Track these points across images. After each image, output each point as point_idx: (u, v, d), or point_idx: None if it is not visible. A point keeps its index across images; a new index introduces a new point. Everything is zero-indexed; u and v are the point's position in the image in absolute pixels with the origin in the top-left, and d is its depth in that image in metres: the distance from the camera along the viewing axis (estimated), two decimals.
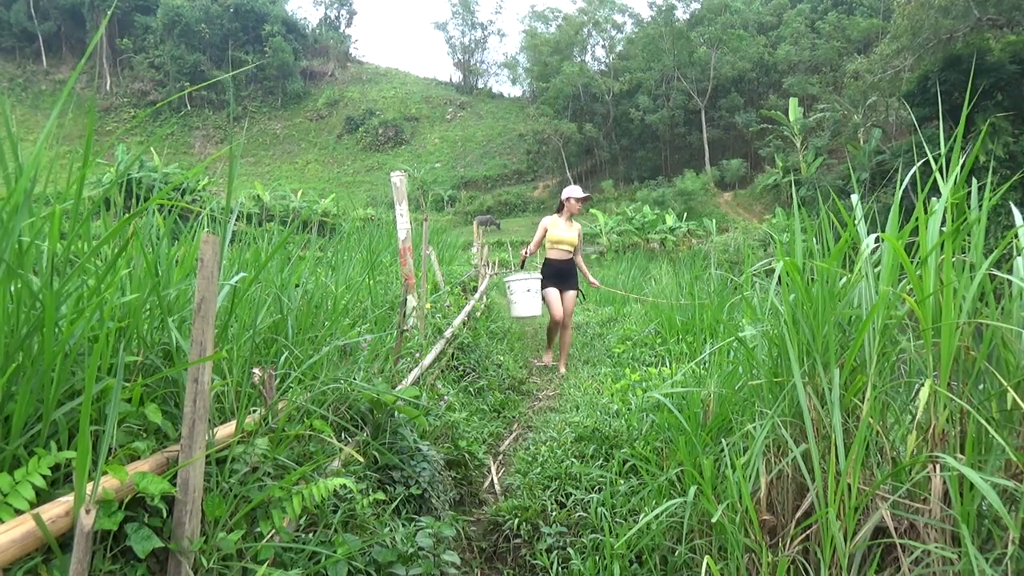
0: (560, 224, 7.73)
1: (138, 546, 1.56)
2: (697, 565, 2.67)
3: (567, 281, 7.84)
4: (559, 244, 7.72)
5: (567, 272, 7.83)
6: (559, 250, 7.75)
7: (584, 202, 7.79)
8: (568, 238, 7.70)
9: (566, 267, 7.82)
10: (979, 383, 2.24)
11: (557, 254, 7.78)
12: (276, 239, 4.30)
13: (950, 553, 2.00)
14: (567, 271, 7.83)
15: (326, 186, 60.25)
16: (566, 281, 7.84)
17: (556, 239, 7.69)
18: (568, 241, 7.71)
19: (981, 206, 2.30)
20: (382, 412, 3.05)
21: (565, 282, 7.83)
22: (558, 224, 7.75)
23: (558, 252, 7.76)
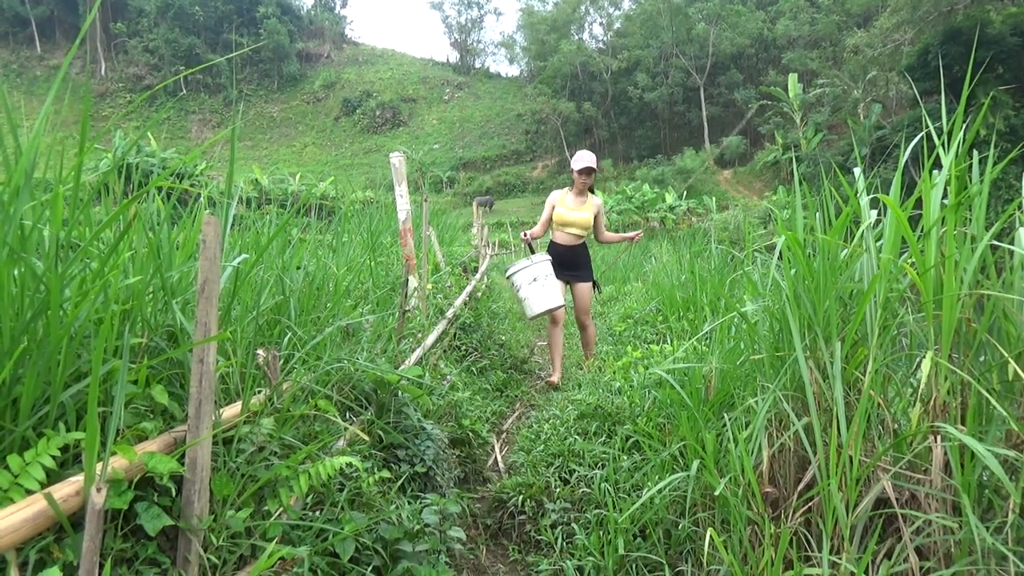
0: (569, 201, 6.23)
1: (148, 524, 1.58)
2: (700, 538, 2.70)
3: (577, 271, 6.30)
4: (566, 227, 6.22)
5: (576, 260, 6.31)
6: (566, 234, 6.26)
7: (586, 175, 6.08)
8: (578, 219, 6.16)
9: (575, 253, 6.31)
10: (980, 355, 2.25)
11: (563, 238, 6.28)
12: (276, 222, 4.30)
13: (951, 522, 2.03)
14: (576, 258, 6.31)
15: (324, 169, 60.06)
16: (575, 270, 6.30)
17: (562, 220, 6.20)
18: (578, 224, 6.17)
19: (983, 179, 2.30)
20: (386, 392, 3.07)
21: (574, 271, 6.30)
22: (566, 201, 6.25)
23: (565, 236, 6.27)
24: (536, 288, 5.88)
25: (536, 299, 5.88)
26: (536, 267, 5.89)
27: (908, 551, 2.05)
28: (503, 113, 72.23)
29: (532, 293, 5.89)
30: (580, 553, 3.05)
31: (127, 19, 76.75)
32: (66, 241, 1.73)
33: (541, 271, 5.89)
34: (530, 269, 5.89)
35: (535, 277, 5.87)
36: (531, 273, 5.88)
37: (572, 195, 6.21)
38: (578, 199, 6.19)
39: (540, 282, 5.87)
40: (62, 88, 1.85)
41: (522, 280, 5.92)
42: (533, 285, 5.87)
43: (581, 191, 6.16)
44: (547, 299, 5.86)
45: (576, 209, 6.15)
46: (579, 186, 6.13)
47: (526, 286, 5.89)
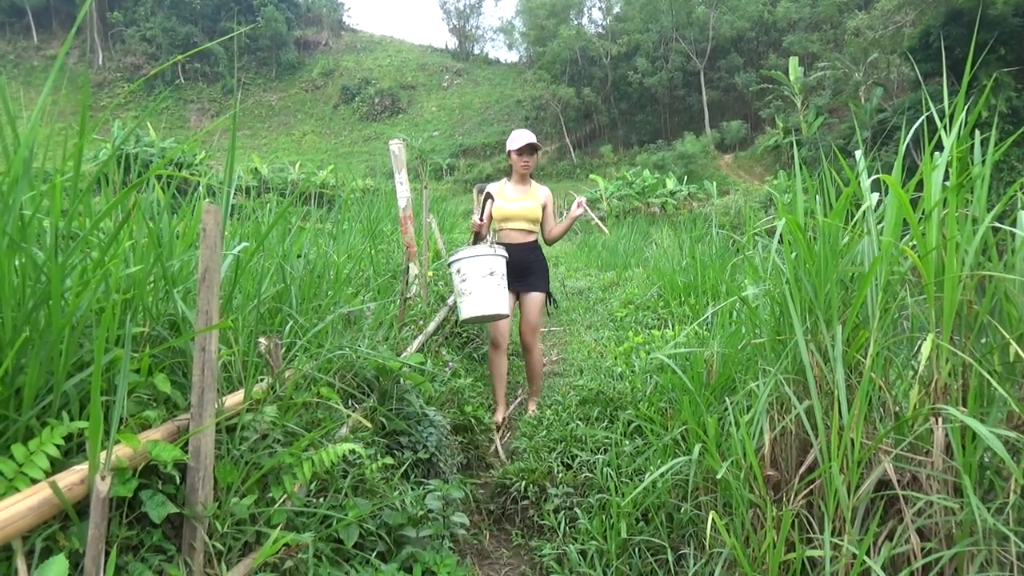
0: (509, 191, 4.86)
1: (153, 512, 1.59)
2: (702, 521, 2.71)
3: (526, 278, 4.87)
4: (508, 221, 4.81)
5: (525, 264, 4.84)
6: (511, 230, 4.83)
7: (528, 154, 4.81)
8: (521, 211, 4.76)
9: (524, 255, 4.83)
10: (981, 336, 2.25)
11: (508, 237, 4.84)
12: (276, 210, 4.29)
13: (952, 503, 2.03)
14: (526, 262, 4.84)
15: (324, 157, 59.90)
16: (525, 277, 4.87)
17: (502, 215, 4.79)
18: (522, 216, 4.78)
19: (984, 160, 2.29)
20: (388, 379, 3.08)
21: (523, 279, 4.87)
22: (504, 191, 4.88)
23: (509, 234, 4.84)
24: (489, 284, 4.35)
25: (485, 297, 4.34)
26: (495, 260, 4.40)
27: (909, 532, 2.06)
28: (502, 99, 71.95)
29: (482, 289, 4.35)
30: (583, 537, 3.07)
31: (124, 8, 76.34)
32: (66, 231, 1.73)
33: (499, 266, 4.40)
34: (489, 259, 4.39)
35: (492, 270, 4.34)
36: (488, 264, 4.36)
37: (511, 184, 4.84)
38: (519, 187, 4.81)
39: (496, 279, 4.36)
40: (59, 78, 1.84)
41: (474, 270, 4.35)
42: (487, 280, 4.35)
43: (522, 177, 4.81)
44: (497, 301, 4.36)
45: (518, 199, 4.74)
46: (520, 170, 4.77)
47: (478, 278, 4.34)
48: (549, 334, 8.08)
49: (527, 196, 4.80)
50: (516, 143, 4.78)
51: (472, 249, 4.43)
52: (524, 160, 4.78)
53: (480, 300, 4.35)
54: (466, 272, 4.39)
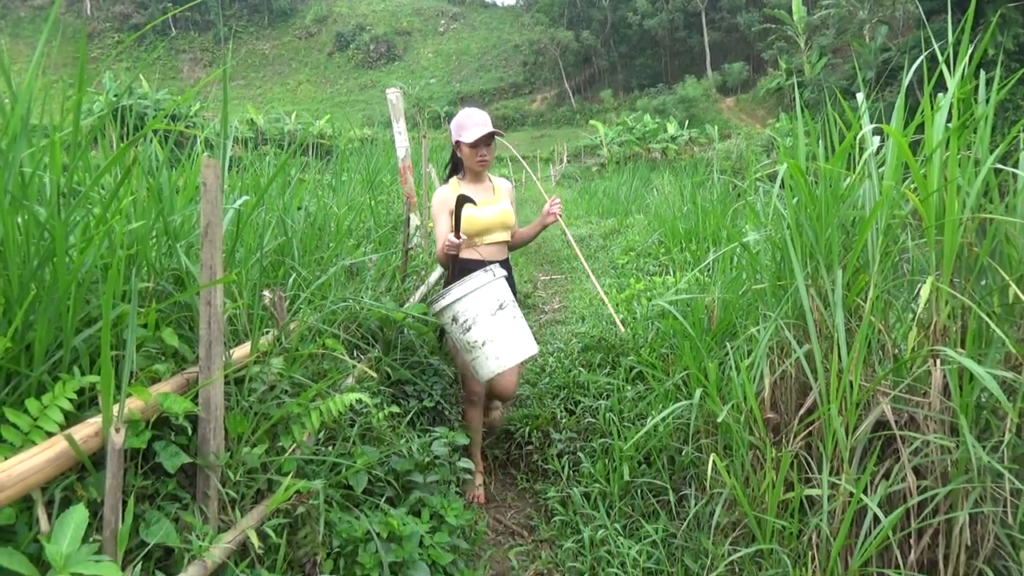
0: (470, 192, 3.44)
1: (167, 462, 1.62)
2: (703, 463, 2.77)
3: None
4: (485, 235, 3.48)
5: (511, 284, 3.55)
6: (489, 245, 3.49)
7: (486, 144, 3.44)
8: (498, 217, 3.49)
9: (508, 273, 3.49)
10: (981, 279, 2.26)
11: (485, 253, 3.47)
12: (274, 163, 4.27)
13: (948, 442, 2.07)
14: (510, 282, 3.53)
15: (320, 107, 59.10)
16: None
17: (478, 227, 3.43)
18: (500, 224, 3.50)
19: (988, 100, 2.27)
20: (392, 329, 3.10)
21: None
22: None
23: (486, 251, 3.48)
24: (506, 321, 3.12)
25: (509, 341, 3.10)
26: (498, 285, 3.16)
27: (906, 471, 2.11)
28: (500, 44, 70.61)
29: (501, 331, 3.09)
30: (586, 480, 3.14)
31: None
32: (67, 187, 1.73)
33: (506, 292, 3.19)
34: (491, 289, 3.11)
35: (501, 301, 3.13)
36: (494, 295, 3.12)
37: (467, 184, 3.51)
38: (480, 187, 3.52)
39: (510, 311, 3.16)
40: (52, 28, 1.82)
41: (480, 309, 3.08)
42: (501, 317, 3.11)
43: (478, 174, 3.51)
44: (525, 340, 3.17)
45: (490, 202, 3.48)
46: (476, 166, 3.45)
47: (488, 319, 3.08)
48: (551, 282, 8.10)
49: (497, 197, 3.50)
50: (470, 133, 3.36)
51: (465, 283, 3.05)
52: (481, 154, 3.38)
53: (505, 347, 3.07)
54: (469, 316, 3.05)
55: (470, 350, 3.10)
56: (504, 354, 3.08)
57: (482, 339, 3.06)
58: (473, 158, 3.40)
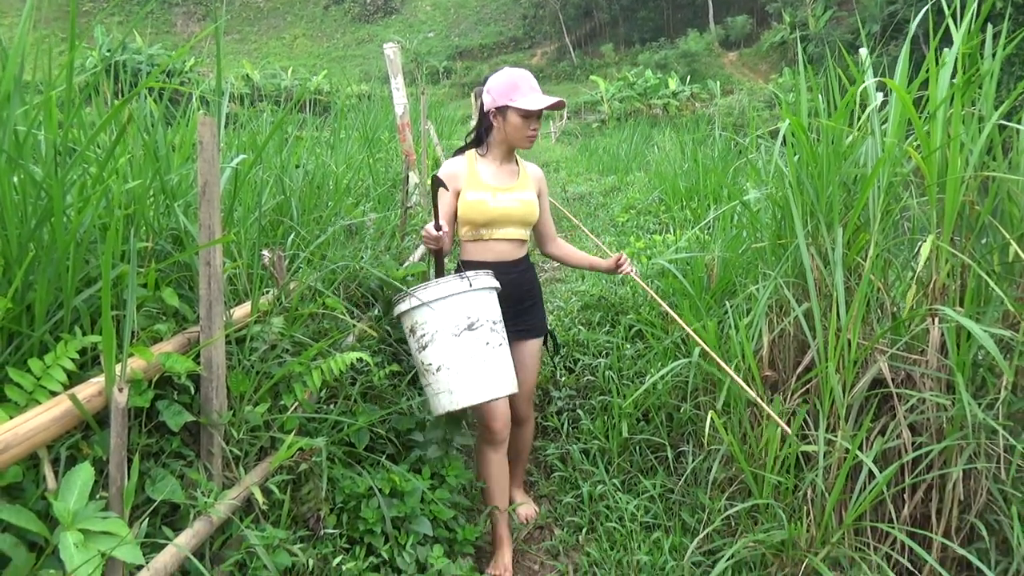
0: (488, 174, 2.73)
1: (171, 421, 1.64)
2: (701, 420, 2.80)
3: (521, 317, 2.82)
4: (493, 227, 2.71)
5: (522, 291, 2.82)
6: (498, 241, 2.73)
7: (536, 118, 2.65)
8: (519, 208, 2.72)
9: (518, 280, 2.78)
10: (982, 237, 2.26)
11: (495, 250, 2.73)
12: (271, 120, 4.22)
13: (944, 399, 2.09)
14: (521, 289, 2.81)
15: (317, 62, 58.24)
16: (519, 317, 2.80)
17: (487, 217, 2.67)
18: (516, 218, 2.72)
19: (995, 55, 2.23)
20: (392, 288, 3.10)
21: (516, 319, 2.76)
22: (481, 177, 2.71)
23: (494, 247, 2.73)
24: (471, 347, 2.38)
25: (470, 375, 2.37)
26: (477, 297, 2.43)
27: (901, 427, 2.13)
28: None
29: (462, 358, 2.37)
30: (585, 437, 3.18)
31: None
32: (62, 146, 1.71)
33: (485, 307, 2.45)
34: (463, 300, 2.40)
35: (472, 319, 2.40)
36: (464, 309, 2.40)
37: (488, 162, 2.74)
38: (503, 169, 2.74)
39: (482, 335, 2.41)
40: None
41: (440, 324, 2.37)
42: (468, 340, 2.38)
43: (510, 152, 2.75)
44: (494, 377, 2.41)
45: (505, 188, 2.70)
46: (523, 142, 2.68)
47: (449, 340, 2.37)
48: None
49: (519, 184, 2.72)
50: (529, 99, 2.59)
51: (430, 287, 2.37)
52: (534, 128, 2.65)
53: (464, 380, 2.34)
54: (428, 331, 2.36)
55: (423, 374, 2.39)
56: (460, 388, 2.32)
57: (437, 363, 2.33)
58: (524, 130, 2.62)
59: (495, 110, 2.63)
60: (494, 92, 2.63)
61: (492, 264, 2.66)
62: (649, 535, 2.56)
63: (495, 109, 2.63)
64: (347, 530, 2.08)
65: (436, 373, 2.35)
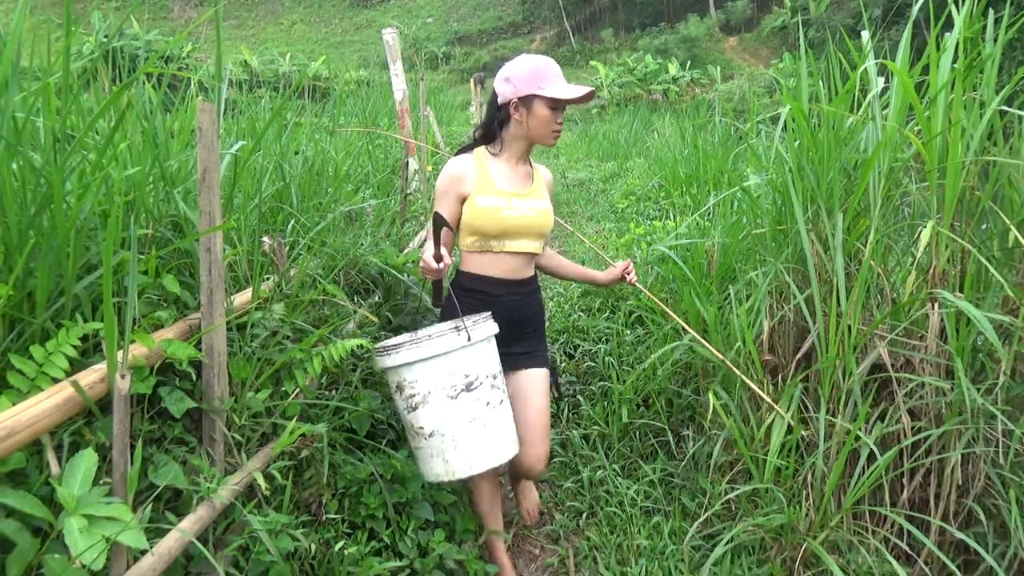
0: (500, 177, 2.36)
1: (173, 407, 1.65)
2: (701, 405, 2.82)
3: (523, 341, 2.47)
4: (505, 239, 2.34)
5: (525, 315, 2.47)
6: (509, 254, 2.37)
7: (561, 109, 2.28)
8: (533, 219, 2.36)
9: (523, 303, 2.45)
10: (982, 223, 2.26)
11: (500, 265, 2.37)
12: (270, 106, 4.20)
13: (943, 384, 2.10)
14: (525, 314, 2.46)
15: (315, 47, 57.89)
16: (521, 341, 2.46)
17: (501, 226, 2.31)
18: (533, 229, 2.37)
19: (996, 39, 2.22)
20: (392, 275, 3.11)
21: (518, 343, 2.44)
22: (495, 181, 2.34)
23: (503, 262, 2.37)
24: (471, 409, 2.12)
25: (473, 439, 2.12)
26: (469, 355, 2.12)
27: (901, 412, 2.14)
28: None
29: (464, 422, 2.11)
30: (585, 423, 3.19)
31: None
32: (61, 133, 1.71)
33: (483, 362, 2.17)
34: (459, 358, 2.10)
35: (469, 380, 2.11)
36: (461, 367, 2.10)
37: (502, 163, 2.40)
38: (517, 171, 2.41)
39: (481, 395, 2.14)
40: None
41: (436, 385, 2.08)
42: (464, 402, 2.11)
43: (525, 153, 2.42)
44: (492, 444, 2.16)
45: (525, 194, 2.39)
46: (550, 139, 2.35)
47: (443, 401, 2.09)
48: None
49: (535, 189, 2.40)
50: (557, 87, 2.27)
51: (421, 344, 2.05)
52: (559, 122, 2.31)
53: (462, 448, 2.09)
54: (419, 391, 2.07)
55: (414, 435, 2.13)
56: (457, 457, 2.07)
57: (430, 428, 2.06)
58: (551, 124, 2.28)
59: (517, 101, 2.26)
60: (516, 80, 2.26)
61: (498, 280, 2.35)
62: (649, 519, 2.57)
63: (517, 100, 2.26)
64: (349, 515, 2.09)
65: (428, 438, 2.09)
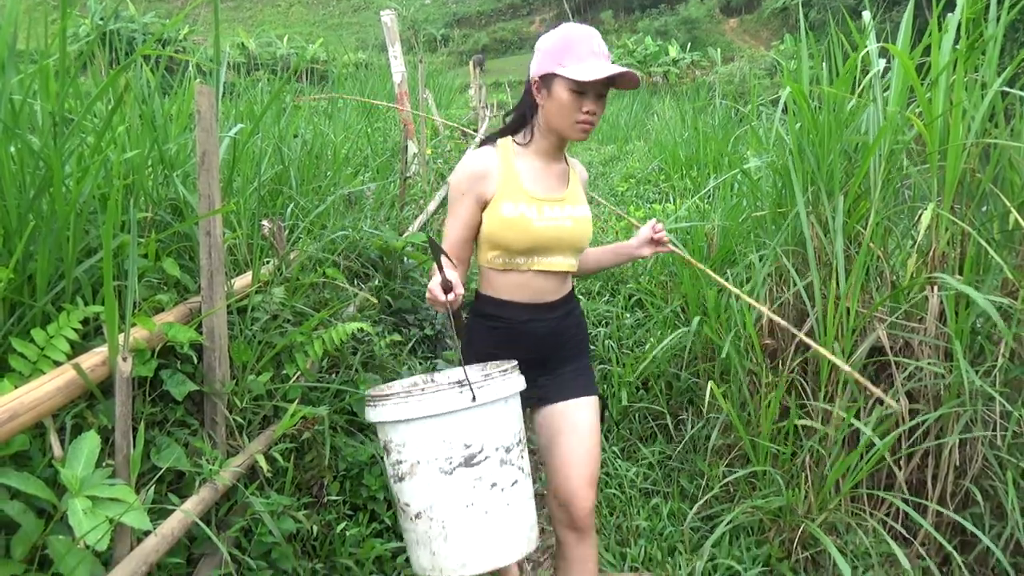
0: (529, 176, 1.80)
1: (175, 390, 1.65)
2: (700, 389, 2.83)
3: (562, 368, 1.91)
4: (538, 251, 1.80)
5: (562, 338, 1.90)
6: (540, 273, 1.82)
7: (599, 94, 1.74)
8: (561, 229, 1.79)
9: (558, 326, 1.88)
10: (983, 205, 2.25)
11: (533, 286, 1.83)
12: (268, 89, 4.18)
13: (942, 368, 2.11)
14: (562, 337, 1.90)
15: (312, 30, 57.45)
16: (558, 368, 1.90)
17: (531, 241, 1.77)
18: (572, 242, 1.83)
19: (999, 20, 2.21)
20: (392, 258, 3.11)
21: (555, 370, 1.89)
22: (521, 178, 1.79)
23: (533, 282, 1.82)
24: (470, 492, 1.51)
25: (469, 532, 1.52)
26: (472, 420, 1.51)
27: (899, 395, 2.15)
28: None
29: (460, 508, 1.51)
30: None
31: None
32: (59, 116, 1.70)
33: (489, 428, 1.53)
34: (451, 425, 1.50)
35: (471, 453, 1.51)
36: (458, 436, 1.50)
37: (534, 160, 1.84)
38: (551, 168, 1.86)
39: (485, 471, 1.52)
40: None
41: (426, 454, 1.51)
42: (461, 480, 1.51)
43: (559, 146, 1.85)
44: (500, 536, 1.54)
45: (559, 200, 1.83)
46: (576, 132, 1.76)
47: (435, 477, 1.51)
48: None
49: (572, 193, 1.88)
50: (581, 67, 1.71)
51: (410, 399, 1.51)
52: (587, 109, 1.75)
53: (454, 540, 1.54)
54: (405, 458, 1.55)
55: (400, 513, 1.58)
56: (447, 551, 1.52)
57: (417, 508, 1.52)
58: (574, 112, 1.72)
59: (539, 80, 1.76)
60: (542, 53, 1.77)
61: (524, 306, 1.82)
62: (648, 501, 2.59)
63: (539, 79, 1.76)
64: (350, 497, 2.11)
65: (415, 520, 1.52)
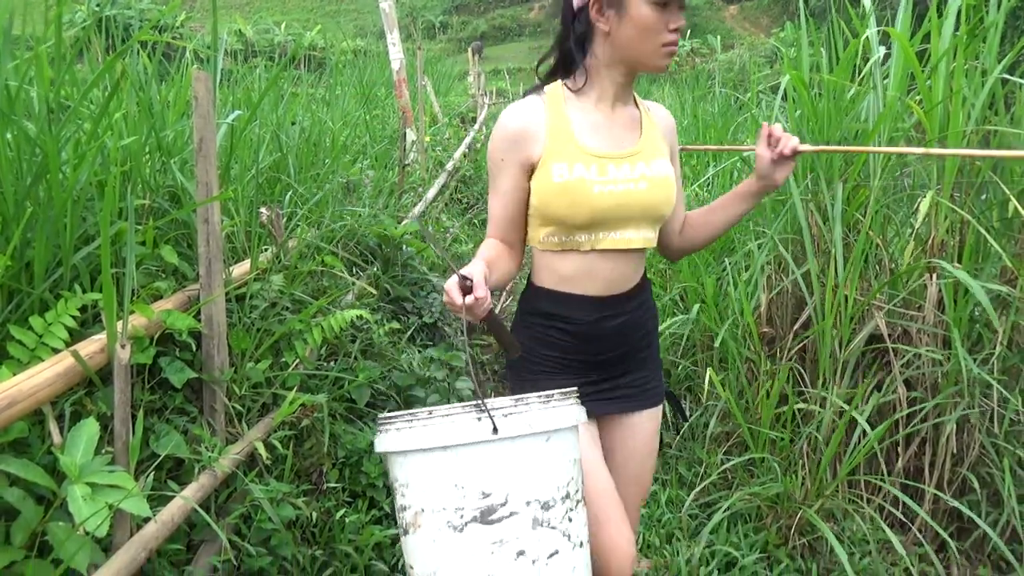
0: (589, 128, 1.39)
1: (173, 377, 1.65)
2: (699, 376, 2.83)
3: (634, 371, 1.52)
4: (602, 225, 1.37)
5: (632, 337, 1.49)
6: (611, 253, 1.40)
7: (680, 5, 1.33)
8: (642, 195, 1.37)
9: (629, 320, 1.47)
10: (982, 193, 2.25)
11: (600, 272, 1.41)
12: (266, 76, 4.16)
13: (940, 355, 2.11)
14: (633, 334, 1.49)
15: (310, 16, 57.10)
16: (631, 372, 1.52)
17: (592, 212, 1.35)
18: (636, 205, 1.38)
19: (1000, 6, 2.20)
20: (390, 246, 3.10)
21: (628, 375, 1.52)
22: (577, 133, 1.37)
23: (605, 265, 1.41)
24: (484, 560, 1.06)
25: None
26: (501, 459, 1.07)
27: (897, 383, 2.16)
28: None
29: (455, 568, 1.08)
30: None
31: None
32: (55, 102, 1.69)
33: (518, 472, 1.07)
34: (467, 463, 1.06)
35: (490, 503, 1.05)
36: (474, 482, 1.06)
37: (593, 107, 1.42)
38: (616, 114, 1.43)
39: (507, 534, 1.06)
40: None
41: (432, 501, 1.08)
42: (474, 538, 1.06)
43: (627, 83, 1.43)
44: None
45: (629, 155, 1.40)
46: (658, 58, 1.35)
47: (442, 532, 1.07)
48: None
49: (646, 144, 1.44)
50: None
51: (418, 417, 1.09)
52: (674, 28, 1.34)
53: None
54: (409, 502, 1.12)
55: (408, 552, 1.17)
56: None
57: (420, 571, 1.14)
58: (660, 32, 1.34)
59: (603, 1, 1.36)
60: None
61: (593, 300, 1.44)
62: None
63: (600, 2, 1.37)
64: (349, 484, 2.11)
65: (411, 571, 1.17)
